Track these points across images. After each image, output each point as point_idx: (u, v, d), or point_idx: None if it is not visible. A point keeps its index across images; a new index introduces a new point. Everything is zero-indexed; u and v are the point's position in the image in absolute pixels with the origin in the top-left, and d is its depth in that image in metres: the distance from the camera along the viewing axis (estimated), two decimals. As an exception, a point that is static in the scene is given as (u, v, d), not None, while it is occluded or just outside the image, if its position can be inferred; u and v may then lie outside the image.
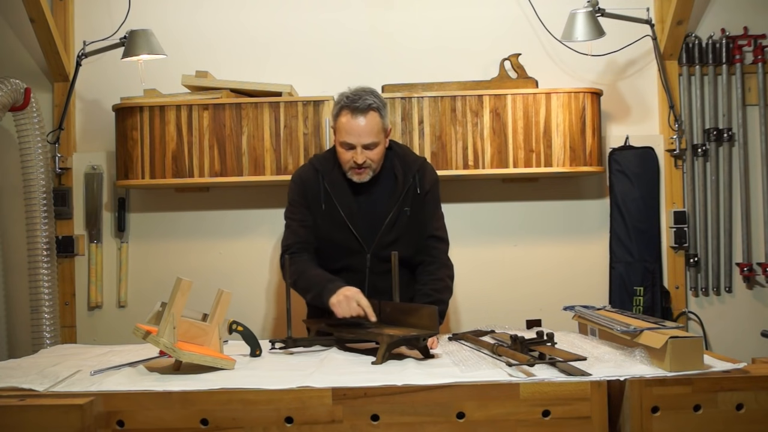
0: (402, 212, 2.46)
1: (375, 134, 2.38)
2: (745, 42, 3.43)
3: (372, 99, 2.39)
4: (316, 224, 2.48)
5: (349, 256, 2.46)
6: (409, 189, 2.47)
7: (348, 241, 2.45)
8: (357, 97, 2.39)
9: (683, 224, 3.39)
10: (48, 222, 3.32)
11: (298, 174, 2.58)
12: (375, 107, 2.39)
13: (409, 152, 2.61)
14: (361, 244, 2.44)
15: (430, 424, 1.60)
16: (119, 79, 3.42)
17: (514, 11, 3.47)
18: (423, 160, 2.58)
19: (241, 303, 3.40)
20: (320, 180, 2.47)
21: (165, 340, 1.79)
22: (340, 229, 2.44)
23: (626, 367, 1.72)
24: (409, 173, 2.48)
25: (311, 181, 2.49)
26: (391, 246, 2.40)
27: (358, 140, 2.37)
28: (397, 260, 2.13)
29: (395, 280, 2.12)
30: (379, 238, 2.44)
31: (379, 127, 2.39)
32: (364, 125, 2.36)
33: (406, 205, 2.47)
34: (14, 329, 3.50)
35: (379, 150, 2.42)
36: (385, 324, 2.13)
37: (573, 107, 3.19)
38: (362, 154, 2.38)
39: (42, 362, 2.02)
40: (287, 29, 3.49)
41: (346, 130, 2.38)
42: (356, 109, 2.37)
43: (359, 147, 2.38)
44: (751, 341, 3.30)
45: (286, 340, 2.14)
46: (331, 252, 2.47)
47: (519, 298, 3.41)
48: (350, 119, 2.37)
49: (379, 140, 2.41)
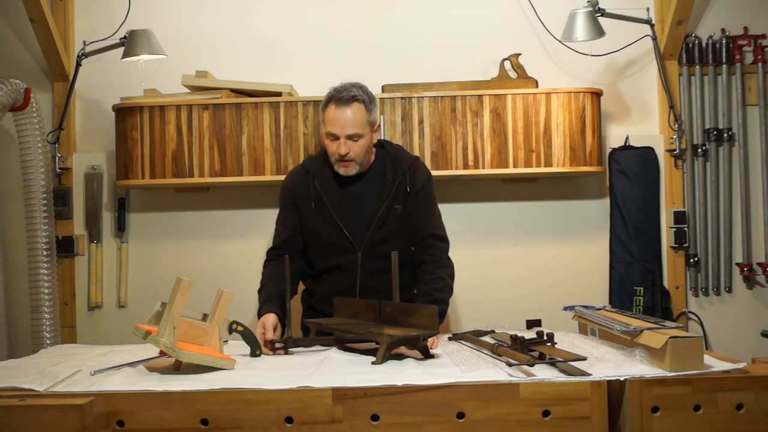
0: (392, 210, 2.47)
1: (359, 126, 2.41)
2: (745, 42, 3.43)
3: (357, 92, 2.43)
4: (307, 224, 2.50)
5: (340, 255, 2.47)
6: (398, 187, 2.48)
7: (338, 240, 2.46)
8: (343, 89, 2.44)
9: (683, 224, 3.39)
10: (48, 222, 3.32)
11: (288, 176, 2.64)
12: (360, 99, 2.42)
13: (401, 151, 2.63)
14: (351, 243, 2.46)
15: (430, 424, 1.60)
16: (119, 79, 3.42)
17: (514, 11, 3.47)
18: (415, 158, 2.59)
19: (241, 303, 3.40)
20: (310, 179, 2.51)
21: (165, 340, 1.79)
22: (330, 227, 2.46)
23: (626, 367, 1.72)
24: (399, 171, 2.50)
25: (300, 182, 2.53)
26: (382, 244, 2.43)
27: (341, 131, 2.40)
28: (397, 260, 2.13)
29: (395, 281, 2.12)
30: (369, 236, 2.45)
31: (363, 119, 2.42)
32: (348, 116, 2.40)
33: (396, 203, 2.48)
34: (14, 329, 3.50)
35: (363, 143, 2.44)
36: (385, 324, 2.13)
37: (573, 107, 3.19)
38: (345, 145, 2.41)
39: (42, 362, 2.02)
40: (287, 29, 3.49)
41: (330, 121, 2.42)
42: (341, 99, 2.41)
43: (343, 138, 2.41)
44: (751, 341, 3.30)
45: (285, 340, 2.15)
46: (322, 251, 2.50)
47: (519, 298, 3.41)
48: (335, 110, 2.42)
49: (364, 132, 2.43)
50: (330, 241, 2.47)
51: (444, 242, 2.55)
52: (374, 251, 2.45)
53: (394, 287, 2.13)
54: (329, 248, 2.48)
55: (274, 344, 2.17)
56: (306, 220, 2.51)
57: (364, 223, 2.46)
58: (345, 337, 2.14)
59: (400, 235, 2.49)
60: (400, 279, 2.10)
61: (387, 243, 2.43)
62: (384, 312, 2.15)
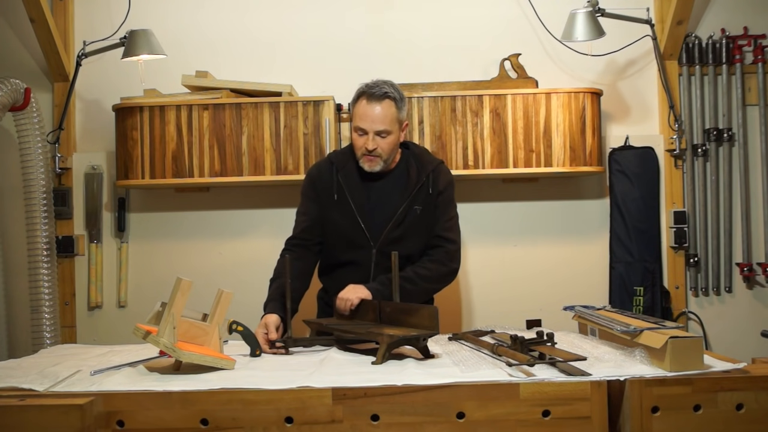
0: (412, 210, 2.48)
1: (388, 122, 2.42)
2: (745, 42, 3.43)
3: (389, 89, 2.45)
4: (327, 216, 2.51)
5: (355, 251, 2.48)
6: (421, 188, 2.50)
7: (355, 235, 2.47)
8: (375, 85, 2.45)
9: (683, 224, 3.39)
10: (48, 222, 3.32)
11: (312, 167, 2.66)
12: (391, 97, 2.44)
13: (426, 153, 2.64)
14: (367, 239, 2.47)
15: (430, 424, 1.60)
16: (119, 79, 3.43)
17: (514, 11, 3.47)
18: (440, 162, 2.61)
19: (241, 303, 3.40)
20: (334, 172, 2.52)
21: (165, 340, 1.79)
22: (349, 221, 2.47)
23: (626, 367, 1.72)
24: (423, 173, 2.51)
25: (324, 174, 2.54)
26: (397, 243, 2.43)
27: (371, 126, 2.41)
28: (397, 260, 2.13)
29: (395, 281, 2.13)
30: (386, 233, 2.46)
31: (393, 116, 2.44)
32: (378, 112, 2.41)
33: (417, 203, 2.49)
34: (14, 329, 3.50)
35: (391, 140, 2.45)
36: (385, 324, 2.13)
37: (573, 107, 3.19)
38: (373, 140, 2.42)
39: (42, 362, 2.02)
40: (287, 29, 3.50)
41: (360, 116, 2.44)
42: (372, 95, 2.42)
43: (371, 133, 2.42)
44: (751, 341, 3.30)
45: (286, 339, 2.15)
46: (338, 245, 2.52)
47: (519, 298, 3.41)
48: (365, 105, 2.43)
49: (392, 130, 2.44)
50: (347, 236, 2.49)
51: (451, 243, 2.53)
52: (389, 249, 2.42)
53: (394, 287, 2.13)
54: (345, 242, 2.50)
55: (274, 344, 2.18)
56: (326, 212, 2.52)
57: (383, 220, 2.47)
58: (345, 337, 2.14)
59: (416, 236, 2.50)
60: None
61: (402, 242, 2.44)
62: (384, 312, 2.16)
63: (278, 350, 2.16)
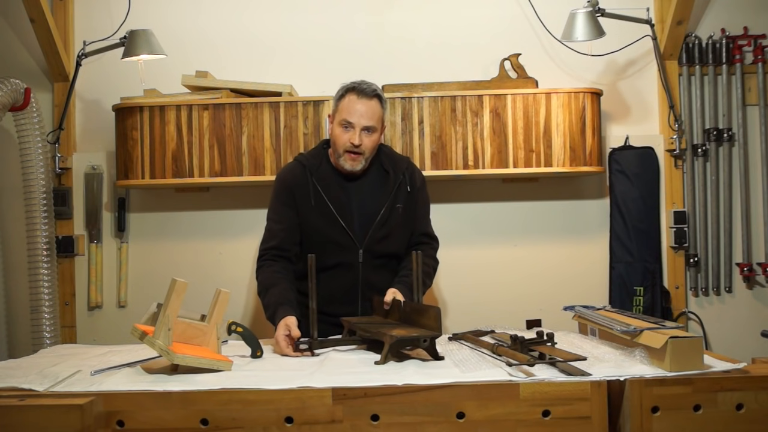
0: (394, 208, 2.50)
1: (376, 119, 2.45)
2: (745, 42, 3.43)
3: (377, 88, 2.49)
4: (306, 221, 2.48)
5: (342, 253, 2.47)
6: (400, 185, 2.52)
7: (339, 237, 2.46)
8: (364, 83, 2.47)
9: (683, 224, 3.39)
10: (48, 222, 3.32)
11: (282, 172, 2.59)
12: (380, 96, 2.48)
13: (394, 151, 2.69)
14: (353, 240, 2.46)
15: (430, 424, 1.60)
16: (119, 79, 3.43)
17: (514, 11, 3.47)
18: (409, 159, 2.68)
19: (241, 303, 3.41)
20: (308, 176, 2.48)
21: (160, 342, 1.78)
22: (330, 224, 2.46)
23: (626, 367, 1.72)
24: (399, 171, 2.54)
25: (298, 178, 2.50)
26: (383, 241, 2.46)
27: (359, 120, 2.42)
28: (419, 259, 2.11)
29: (417, 281, 2.09)
30: (372, 233, 2.46)
31: (380, 115, 2.46)
32: (367, 108, 2.43)
33: (398, 201, 2.51)
34: (14, 329, 3.50)
35: (375, 138, 2.47)
36: (404, 323, 2.12)
37: (573, 107, 3.19)
38: (360, 136, 2.41)
39: (42, 362, 2.02)
40: (287, 29, 3.50)
41: (348, 110, 2.43)
42: (363, 91, 2.44)
43: (358, 128, 2.42)
44: (751, 341, 3.30)
45: (310, 341, 2.07)
46: (322, 249, 2.44)
47: (519, 298, 3.41)
48: (355, 100, 2.43)
49: (378, 128, 2.47)
50: (330, 239, 2.46)
51: (436, 242, 2.64)
52: (375, 248, 2.47)
53: (415, 287, 2.11)
54: (329, 246, 2.46)
55: (299, 344, 2.09)
56: (305, 218, 2.48)
57: (366, 220, 2.47)
58: (363, 336, 2.12)
59: (400, 233, 2.53)
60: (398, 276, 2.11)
61: (387, 240, 2.48)
62: (404, 312, 2.16)
63: (304, 353, 2.07)
